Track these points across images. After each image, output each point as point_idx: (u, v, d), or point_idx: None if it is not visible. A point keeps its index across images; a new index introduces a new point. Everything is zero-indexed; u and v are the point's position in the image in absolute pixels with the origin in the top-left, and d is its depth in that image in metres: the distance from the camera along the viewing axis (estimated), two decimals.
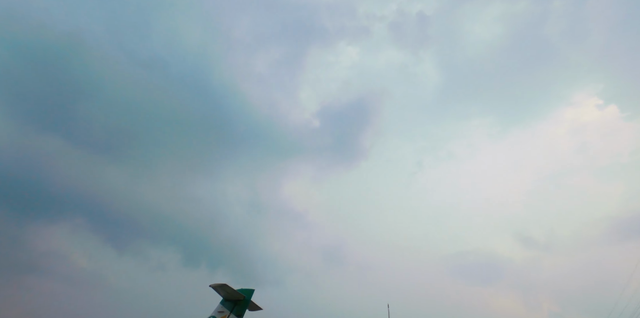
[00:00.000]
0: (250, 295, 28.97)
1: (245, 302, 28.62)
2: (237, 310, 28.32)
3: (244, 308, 28.44)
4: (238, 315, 28.13)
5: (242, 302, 28.62)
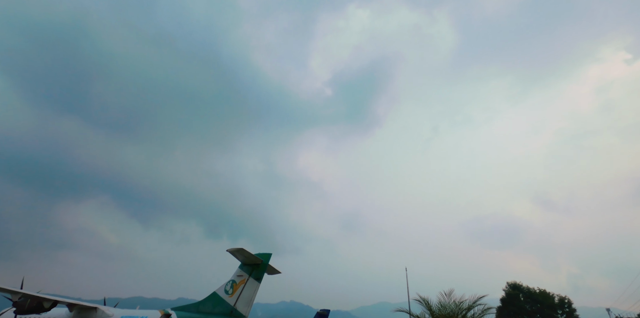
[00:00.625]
0: (267, 259, 29.07)
1: (263, 266, 28.79)
2: (256, 274, 28.56)
3: (262, 272, 28.66)
4: (256, 278, 28.40)
5: (259, 266, 28.79)
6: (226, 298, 27.95)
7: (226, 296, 28.14)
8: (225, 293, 28.35)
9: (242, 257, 28.54)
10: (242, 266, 29.39)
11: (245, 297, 27.65)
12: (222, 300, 27.93)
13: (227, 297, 28.06)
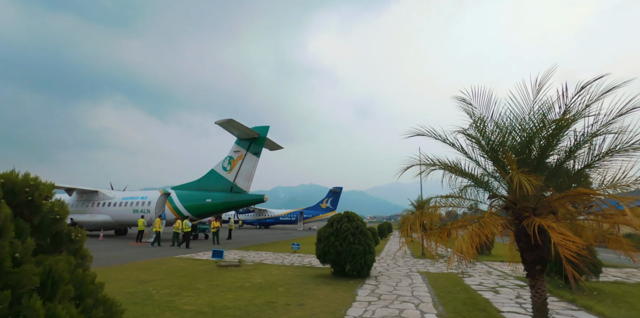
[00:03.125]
0: (265, 132, 25.21)
1: (261, 140, 25.14)
2: (253, 148, 25.22)
3: (260, 146, 25.22)
4: (255, 152, 25.17)
5: (257, 140, 25.17)
6: (225, 175, 25.43)
7: (225, 172, 25.55)
8: (223, 170, 25.71)
9: (236, 131, 24.66)
10: (238, 141, 25.88)
11: (244, 172, 24.96)
12: (221, 177, 25.48)
13: (226, 173, 25.47)
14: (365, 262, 9.71)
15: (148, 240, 23.28)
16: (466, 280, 9.88)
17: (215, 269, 11.23)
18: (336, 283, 9.15)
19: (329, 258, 9.87)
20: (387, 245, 24.04)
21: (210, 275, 10.18)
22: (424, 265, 13.45)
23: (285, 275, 10.42)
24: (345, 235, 9.85)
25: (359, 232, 10.03)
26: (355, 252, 9.65)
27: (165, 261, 13.25)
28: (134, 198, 27.32)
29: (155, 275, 9.97)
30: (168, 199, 25.99)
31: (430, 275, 10.72)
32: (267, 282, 9.20)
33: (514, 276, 10.79)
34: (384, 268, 12.25)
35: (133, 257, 14.76)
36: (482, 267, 12.97)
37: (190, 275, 10.11)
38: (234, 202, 24.41)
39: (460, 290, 8.38)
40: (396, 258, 15.44)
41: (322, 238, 10.21)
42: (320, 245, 10.15)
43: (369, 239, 10.09)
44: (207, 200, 24.79)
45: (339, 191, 60.92)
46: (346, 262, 9.72)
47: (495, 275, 10.94)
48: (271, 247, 20.79)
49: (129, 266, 11.84)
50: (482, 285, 9.20)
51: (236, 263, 11.81)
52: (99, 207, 28.25)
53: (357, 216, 10.50)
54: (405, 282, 9.39)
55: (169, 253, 16.20)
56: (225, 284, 8.75)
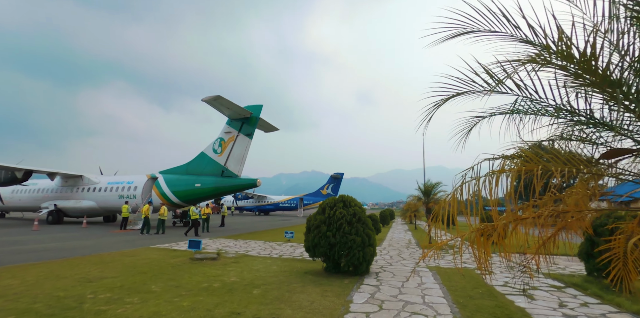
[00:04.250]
0: (258, 111, 23.22)
1: (254, 120, 23.18)
2: (246, 129, 23.29)
3: (252, 127, 23.28)
4: (247, 134, 23.26)
5: (249, 120, 23.22)
6: (215, 158, 23.61)
7: (215, 155, 23.72)
8: (214, 153, 23.88)
9: (226, 110, 22.69)
10: (229, 121, 23.94)
11: (236, 155, 23.12)
12: (212, 160, 23.68)
13: (217, 156, 23.65)
14: (364, 256, 7.94)
15: (133, 227, 21.73)
16: (486, 278, 8.11)
17: (186, 263, 9.52)
18: (328, 282, 7.40)
19: (319, 251, 8.10)
20: (389, 233, 22.38)
21: (178, 271, 8.46)
22: (433, 257, 11.68)
23: (268, 270, 8.70)
24: (340, 224, 8.05)
25: (357, 220, 8.23)
26: (351, 244, 7.87)
27: (136, 252, 11.57)
28: (120, 183, 25.65)
29: (109, 272, 8.26)
30: (155, 184, 24.30)
31: (441, 272, 8.96)
32: (243, 280, 7.47)
33: (544, 273, 9.00)
34: (386, 261, 10.51)
35: (105, 247, 13.12)
36: (500, 260, 11.21)
37: (152, 271, 8.39)
38: (225, 186, 22.68)
39: (483, 294, 6.60)
40: (400, 249, 13.73)
41: (311, 228, 8.42)
42: (309, 235, 8.37)
43: (368, 229, 8.29)
44: (197, 184, 23.08)
45: (340, 177, 59.28)
46: (341, 256, 7.96)
47: (518, 271, 9.15)
48: (264, 235, 19.16)
49: (89, 259, 10.15)
50: (508, 286, 7.42)
51: (213, 256, 10.10)
52: (83, 192, 26.64)
53: (354, 201, 8.67)
54: (413, 282, 7.63)
55: (148, 243, 14.57)
56: (188, 285, 7.02)
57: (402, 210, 41.85)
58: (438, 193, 15.37)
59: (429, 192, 15.56)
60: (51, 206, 26.52)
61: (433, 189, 15.45)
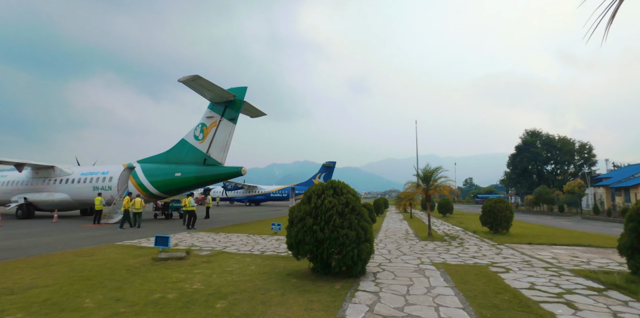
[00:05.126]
0: (242, 94, 21.40)
1: (237, 103, 21.39)
2: (229, 113, 21.50)
3: (236, 111, 21.49)
4: (231, 118, 21.48)
5: (233, 103, 21.42)
6: (197, 145, 21.86)
7: (197, 142, 21.96)
8: (195, 139, 22.10)
9: (207, 92, 20.82)
10: (211, 105, 22.12)
11: (219, 141, 21.39)
12: (193, 148, 21.92)
13: (198, 143, 21.89)
14: (359, 254, 6.47)
15: (108, 221, 20.05)
16: (506, 278, 6.72)
17: (146, 265, 7.96)
18: (315, 288, 5.93)
19: (305, 249, 6.59)
20: (384, 223, 21.08)
21: (131, 276, 6.91)
22: (436, 251, 10.33)
23: (243, 272, 7.20)
24: (330, 215, 6.54)
25: (350, 210, 6.72)
26: (343, 240, 6.38)
27: (94, 251, 9.97)
28: (94, 174, 23.79)
29: (45, 279, 6.67)
30: (132, 174, 22.51)
31: (451, 269, 7.56)
32: (208, 288, 5.96)
33: (570, 270, 7.66)
34: (384, 257, 9.09)
35: (63, 244, 11.49)
36: (512, 253, 9.89)
37: (99, 276, 6.82)
38: (207, 175, 21.01)
39: (512, 303, 5.18)
40: (398, 242, 12.35)
41: (294, 220, 6.90)
42: (292, 229, 6.85)
43: (364, 220, 6.81)
44: (177, 174, 21.37)
45: (333, 166, 57.90)
46: (331, 254, 6.47)
47: (540, 268, 7.81)
48: (249, 227, 17.67)
49: (32, 261, 8.53)
50: (536, 288, 6.03)
51: (181, 255, 8.55)
52: (55, 184, 24.74)
53: (347, 187, 7.15)
54: (420, 285, 6.19)
55: (116, 239, 12.97)
56: (134, 296, 5.48)
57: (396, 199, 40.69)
58: (439, 179, 13.93)
59: (429, 178, 14.11)
60: (21, 199, 24.60)
61: (433, 174, 14.00)
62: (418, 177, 14.86)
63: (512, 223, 15.21)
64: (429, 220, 14.57)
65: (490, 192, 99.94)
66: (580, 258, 9.08)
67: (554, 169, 66.22)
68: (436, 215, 30.20)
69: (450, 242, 12.29)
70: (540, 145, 65.34)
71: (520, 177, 66.72)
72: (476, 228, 17.14)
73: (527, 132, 68.25)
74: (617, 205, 31.15)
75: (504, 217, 14.92)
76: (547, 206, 42.97)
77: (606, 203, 35.34)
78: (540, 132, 67.66)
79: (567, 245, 11.75)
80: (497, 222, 14.98)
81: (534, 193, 44.67)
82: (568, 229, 18.37)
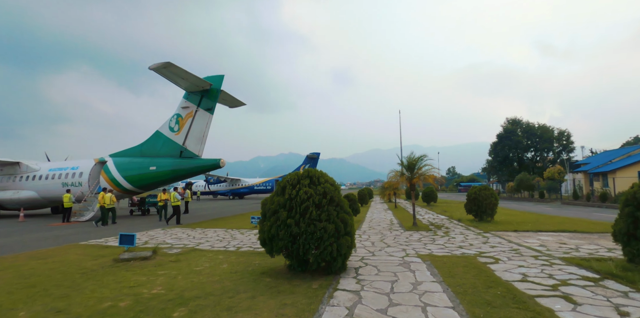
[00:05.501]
0: (219, 83, 20.38)
1: (214, 92, 20.36)
2: (206, 103, 20.47)
3: (213, 100, 20.48)
4: (207, 108, 20.45)
5: (209, 92, 20.39)
6: (172, 137, 20.80)
7: (172, 134, 20.89)
8: (170, 131, 21.02)
9: (182, 81, 19.71)
10: (187, 95, 21.02)
11: (195, 132, 20.39)
12: (168, 140, 20.85)
13: (174, 135, 20.83)
14: (339, 249, 5.90)
15: (79, 219, 18.94)
16: (497, 270, 6.30)
17: (106, 267, 7.20)
18: (290, 289, 5.34)
19: (278, 245, 5.97)
20: (368, 214, 20.70)
21: (84, 281, 6.15)
22: (422, 241, 9.89)
23: (213, 272, 6.54)
24: (305, 207, 5.92)
25: (329, 201, 6.12)
26: (321, 234, 5.79)
27: (52, 253, 9.10)
28: (63, 170, 22.45)
29: None
30: (103, 169, 21.31)
31: (437, 261, 7.09)
32: (170, 292, 5.28)
33: (560, 258, 7.31)
34: (367, 250, 8.58)
35: (20, 246, 10.55)
36: (499, 241, 9.55)
37: (47, 283, 6.04)
38: (184, 169, 20.05)
39: (505, 298, 4.71)
40: (382, 233, 11.89)
41: (267, 214, 6.25)
42: (265, 224, 6.21)
43: (344, 212, 6.22)
44: (151, 167, 20.31)
45: (317, 157, 57.33)
46: (307, 250, 5.87)
47: (529, 256, 7.44)
48: (228, 221, 16.96)
49: None
50: (528, 280, 5.60)
51: (146, 255, 7.81)
52: (21, 181, 23.28)
53: (324, 176, 6.53)
54: (405, 281, 5.68)
55: (82, 238, 12.07)
56: (79, 306, 4.76)
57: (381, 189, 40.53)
58: (423, 167, 13.49)
59: (413, 167, 13.66)
60: None
61: (418, 163, 13.54)
62: (402, 165, 14.40)
63: (496, 211, 15.01)
64: (414, 209, 14.18)
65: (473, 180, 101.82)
66: (569, 245, 8.80)
67: (534, 156, 67.49)
68: (420, 204, 30.11)
69: (435, 231, 11.92)
70: (520, 133, 66.36)
71: (502, 165, 67.84)
72: (461, 216, 16.93)
73: (508, 120, 69.10)
74: (595, 190, 31.76)
75: (489, 205, 14.68)
76: (528, 192, 43.71)
77: (584, 189, 36.07)
78: (520, 120, 68.61)
79: (552, 231, 11.55)
80: (482, 209, 14.74)
81: (515, 180, 45.33)
82: (550, 215, 18.39)
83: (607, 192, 27.82)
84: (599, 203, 26.85)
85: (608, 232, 11.23)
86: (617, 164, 32.02)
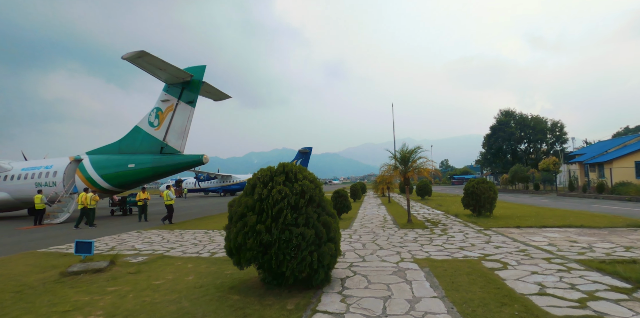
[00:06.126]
0: (200, 74, 19.16)
1: (195, 84, 19.15)
2: (187, 96, 19.25)
3: (194, 93, 19.26)
4: (189, 101, 19.24)
5: (190, 85, 19.17)
6: (152, 132, 19.58)
7: (152, 129, 19.67)
8: (150, 126, 19.79)
9: (162, 73, 18.47)
10: (167, 87, 19.78)
11: (176, 127, 19.19)
12: (148, 135, 19.64)
13: (154, 130, 19.61)
14: (320, 259, 4.91)
15: (52, 221, 17.72)
16: (507, 278, 5.36)
17: (49, 282, 6.12)
18: (259, 310, 4.34)
19: (247, 256, 4.94)
20: (361, 209, 19.78)
21: (16, 301, 5.09)
22: (418, 241, 8.95)
23: (174, 287, 5.52)
24: (279, 210, 4.90)
25: (307, 201, 5.11)
26: (298, 242, 4.79)
27: (3, 262, 7.98)
28: (36, 169, 21.12)
29: None
30: (79, 167, 20.04)
31: (437, 268, 6.14)
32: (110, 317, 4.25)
33: (576, 260, 6.40)
34: (357, 254, 7.61)
35: None
36: (503, 240, 8.65)
37: None
38: (164, 166, 18.87)
39: None
40: (375, 231, 10.94)
41: (233, 218, 5.21)
42: (231, 231, 5.17)
43: (326, 213, 5.22)
44: (130, 165, 19.10)
45: (309, 151, 56.31)
46: (282, 261, 4.86)
47: (541, 259, 6.53)
48: (211, 221, 15.89)
49: None
50: (548, 293, 4.67)
51: (100, 266, 6.75)
52: None
53: (303, 171, 5.50)
54: (400, 297, 4.70)
55: (43, 244, 10.94)
56: None
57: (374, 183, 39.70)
58: (418, 160, 12.54)
59: (407, 160, 12.70)
60: None
61: (412, 155, 12.58)
62: (395, 159, 13.43)
63: (495, 205, 14.17)
64: (408, 205, 13.25)
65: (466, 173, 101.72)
66: (580, 243, 7.92)
67: (527, 148, 67.18)
68: (415, 198, 29.32)
69: (432, 229, 11.01)
70: (514, 125, 65.93)
71: (495, 157, 67.47)
72: (457, 211, 16.08)
73: (502, 112, 68.63)
74: (592, 181, 31.24)
75: (488, 198, 13.83)
76: (522, 184, 43.21)
77: (580, 180, 35.58)
78: (514, 111, 68.18)
79: (557, 226, 10.70)
80: (480, 203, 13.89)
81: (509, 172, 44.79)
82: (550, 207, 17.64)
83: (604, 183, 27.27)
84: (596, 195, 26.28)
85: (616, 226, 10.50)
86: (614, 154, 31.49)
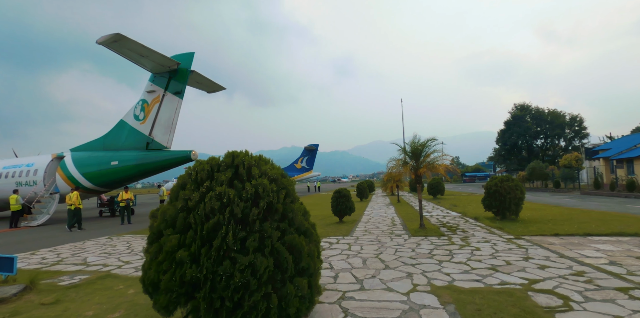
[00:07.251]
0: (188, 62, 17.44)
1: (183, 72, 17.44)
2: (174, 86, 17.56)
3: (182, 83, 17.56)
4: (176, 92, 17.55)
5: (177, 73, 17.47)
6: (137, 126, 17.95)
7: (137, 123, 18.04)
8: (135, 120, 18.17)
9: (148, 62, 16.82)
10: (153, 77, 18.13)
11: (163, 120, 17.52)
12: (133, 130, 18.03)
13: (139, 124, 17.98)
14: (283, 305, 3.03)
15: (30, 224, 16.26)
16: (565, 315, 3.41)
17: None
18: None
19: (165, 299, 3.09)
20: (367, 210, 17.86)
21: None
22: (434, 256, 7.00)
23: None
24: (215, 225, 3.04)
25: (265, 211, 3.23)
26: (246, 280, 2.92)
27: None
28: (17, 167, 19.73)
29: None
30: (60, 165, 18.55)
31: (467, 305, 4.21)
32: None
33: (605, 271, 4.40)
34: (354, 276, 5.71)
35: None
36: (546, 255, 6.66)
37: None
38: (150, 163, 17.22)
39: None
40: (380, 240, 9.02)
41: (153, 240, 3.37)
42: (151, 258, 3.33)
43: (296, 230, 3.34)
44: (113, 162, 17.51)
45: (315, 149, 54.63)
46: (218, 310, 3.00)
47: (614, 290, 4.55)
48: None
49: None
50: None
51: (3, 295, 4.99)
52: None
53: (263, 165, 3.63)
54: None
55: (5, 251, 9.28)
56: None
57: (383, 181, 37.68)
58: (431, 154, 10.57)
59: (419, 154, 10.74)
60: None
61: (424, 149, 10.61)
62: (405, 152, 11.46)
63: (522, 207, 12.13)
64: (420, 207, 11.27)
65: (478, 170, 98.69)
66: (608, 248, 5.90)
67: (544, 143, 64.15)
68: (426, 197, 27.25)
69: (450, 237, 9.05)
70: (530, 119, 62.99)
71: (510, 153, 64.66)
72: (476, 213, 14.07)
73: (517, 106, 65.63)
74: (620, 178, 28.69)
75: (513, 199, 11.80)
76: (541, 182, 40.65)
77: (605, 177, 32.98)
78: (529, 105, 65.11)
79: (606, 235, 8.66)
80: (504, 205, 11.88)
81: (527, 169, 42.20)
82: (580, 209, 15.48)
83: (635, 180, 24.83)
84: (626, 193, 23.86)
85: None
86: None
